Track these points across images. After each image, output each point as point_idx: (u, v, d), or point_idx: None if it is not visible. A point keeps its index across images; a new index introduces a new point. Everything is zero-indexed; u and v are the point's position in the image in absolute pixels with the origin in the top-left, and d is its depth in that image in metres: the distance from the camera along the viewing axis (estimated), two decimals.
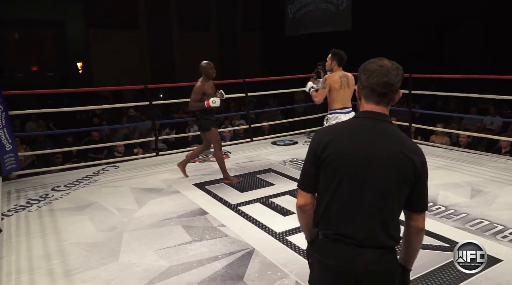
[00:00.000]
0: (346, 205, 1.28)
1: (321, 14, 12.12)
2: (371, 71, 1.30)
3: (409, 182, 1.26)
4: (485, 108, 7.83)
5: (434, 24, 9.14)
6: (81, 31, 12.40)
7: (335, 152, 1.28)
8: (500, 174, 4.21)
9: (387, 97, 1.31)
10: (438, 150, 5.38)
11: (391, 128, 1.31)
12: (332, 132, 1.34)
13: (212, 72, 4.12)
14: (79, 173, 4.82)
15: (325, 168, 1.30)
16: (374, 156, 1.25)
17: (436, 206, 3.45)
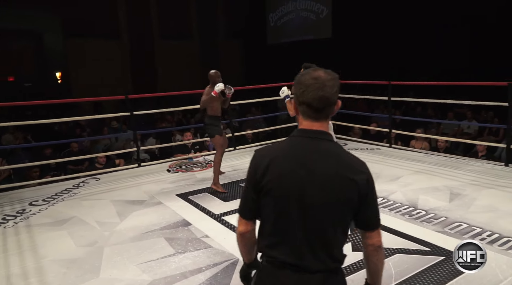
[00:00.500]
0: (288, 231, 1.23)
1: (302, 23, 12.29)
2: (306, 85, 1.20)
3: (353, 203, 1.21)
4: (462, 113, 8.05)
5: (413, 32, 9.37)
6: (59, 41, 12.23)
7: (275, 177, 1.22)
8: (478, 177, 4.31)
9: (325, 111, 1.23)
10: (417, 154, 5.48)
11: (332, 148, 1.25)
12: (270, 155, 1.25)
13: (218, 81, 4.30)
14: (58, 186, 4.72)
15: (266, 195, 1.24)
16: (315, 179, 1.19)
17: (417, 210, 3.51)
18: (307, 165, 1.20)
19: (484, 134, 7.26)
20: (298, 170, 1.20)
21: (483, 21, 8.41)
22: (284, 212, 1.23)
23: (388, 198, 3.84)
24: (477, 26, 8.59)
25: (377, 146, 6.01)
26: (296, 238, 1.22)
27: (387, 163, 5.04)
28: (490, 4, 8.20)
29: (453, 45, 9.39)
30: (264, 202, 1.26)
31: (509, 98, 4.47)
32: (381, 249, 1.32)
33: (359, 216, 1.25)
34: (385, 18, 9.74)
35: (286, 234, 1.24)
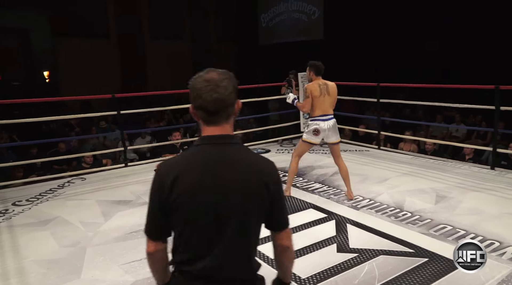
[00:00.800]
0: (203, 245, 1.19)
1: (294, 24, 12.31)
2: (198, 89, 1.17)
3: (266, 206, 1.21)
4: (450, 116, 8.13)
5: (404, 34, 9.43)
6: (47, 40, 12.09)
7: (184, 191, 1.16)
8: (464, 180, 4.34)
9: (222, 114, 1.19)
10: (405, 156, 5.51)
11: (239, 151, 1.22)
12: (175, 169, 1.18)
13: None
14: (43, 186, 4.65)
15: (176, 211, 1.17)
16: (226, 187, 1.16)
17: (403, 212, 3.52)
18: (217, 173, 1.16)
19: (472, 138, 7.33)
20: (207, 179, 1.16)
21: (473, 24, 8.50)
22: (197, 225, 1.18)
23: (375, 199, 3.85)
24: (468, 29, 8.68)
25: (366, 148, 6.03)
26: (212, 251, 1.18)
27: (375, 165, 5.06)
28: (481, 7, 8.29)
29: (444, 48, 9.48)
30: (174, 219, 1.19)
31: (496, 101, 4.51)
32: (290, 249, 1.33)
33: (270, 218, 1.25)
34: (377, 19, 9.80)
35: (201, 248, 1.19)
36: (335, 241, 3.01)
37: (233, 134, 1.24)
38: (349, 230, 3.19)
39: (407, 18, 9.36)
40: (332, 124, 3.84)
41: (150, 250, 1.25)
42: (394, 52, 9.59)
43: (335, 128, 3.88)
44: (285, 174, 4.80)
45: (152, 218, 1.23)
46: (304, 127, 6.66)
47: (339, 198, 3.93)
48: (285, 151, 6.13)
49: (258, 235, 1.26)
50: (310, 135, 3.86)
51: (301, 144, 3.98)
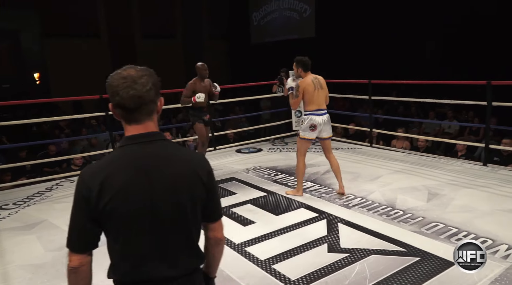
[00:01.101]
0: (145, 248, 1.14)
1: (286, 22, 12.25)
2: (115, 86, 1.12)
3: (202, 198, 1.21)
4: (443, 113, 8.12)
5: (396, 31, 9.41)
6: (37, 41, 11.93)
7: (114, 196, 1.10)
8: (456, 177, 4.32)
9: (143, 111, 1.15)
10: (398, 154, 5.48)
11: (167, 148, 1.19)
12: (102, 173, 1.11)
13: (205, 74, 4.42)
14: (31, 189, 4.57)
15: (108, 218, 1.11)
16: (161, 185, 1.14)
17: (395, 210, 3.49)
18: (147, 171, 1.13)
19: (465, 134, 7.32)
20: (138, 179, 1.12)
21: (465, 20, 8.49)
22: (136, 228, 1.12)
23: (366, 198, 3.81)
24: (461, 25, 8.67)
25: (358, 146, 6.00)
26: (155, 250, 1.15)
27: (367, 163, 5.02)
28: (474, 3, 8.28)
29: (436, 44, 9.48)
30: (109, 226, 1.13)
31: (487, 97, 4.49)
32: (222, 242, 1.33)
33: (205, 209, 1.24)
34: (368, 17, 9.76)
35: (143, 250, 1.14)
36: (326, 241, 2.97)
37: (158, 131, 1.20)
38: (340, 229, 3.15)
39: (398, 15, 9.34)
40: (327, 119, 3.85)
41: (74, 264, 1.15)
42: (386, 50, 9.56)
43: (329, 123, 3.90)
44: (276, 173, 4.77)
45: (77, 228, 1.15)
46: (298, 124, 6.63)
47: (330, 197, 3.89)
48: (277, 149, 6.08)
49: (199, 227, 1.24)
50: (307, 132, 3.82)
51: (300, 143, 3.92)
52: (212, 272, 1.38)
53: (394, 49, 9.45)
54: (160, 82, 1.19)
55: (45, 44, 12.02)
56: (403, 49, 9.39)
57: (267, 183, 4.43)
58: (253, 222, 3.39)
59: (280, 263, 2.68)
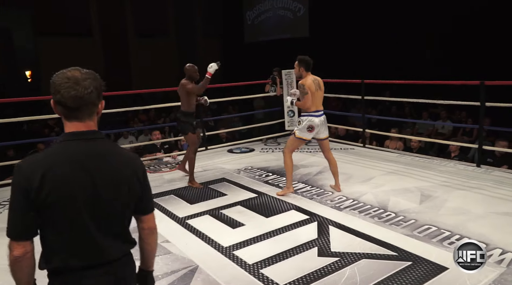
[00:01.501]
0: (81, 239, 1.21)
1: (279, 21, 12.19)
2: (58, 84, 1.19)
3: (137, 193, 1.30)
4: (436, 113, 8.09)
5: (390, 31, 9.37)
6: (29, 39, 11.78)
7: (56, 187, 1.16)
8: (449, 178, 4.26)
9: (85, 111, 1.22)
10: (391, 155, 5.43)
11: (105, 145, 1.27)
12: (42, 165, 1.16)
13: (196, 75, 4.19)
14: None
15: (47, 210, 1.16)
16: (99, 181, 1.21)
17: (387, 212, 3.42)
18: (88, 167, 1.20)
19: (458, 135, 7.29)
20: (78, 173, 1.19)
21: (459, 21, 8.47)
22: (73, 220, 1.20)
23: (358, 199, 3.74)
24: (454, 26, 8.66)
25: (351, 146, 5.93)
26: (90, 241, 1.22)
27: (360, 163, 4.96)
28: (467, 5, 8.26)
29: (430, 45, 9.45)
30: (46, 217, 1.18)
31: (481, 97, 4.44)
32: (155, 230, 1.43)
33: (140, 203, 1.33)
34: (362, 16, 9.73)
35: (79, 241, 1.22)
36: (316, 244, 2.89)
37: (97, 130, 1.27)
38: (331, 232, 3.08)
39: (392, 14, 9.31)
40: (323, 120, 3.87)
41: (18, 253, 1.18)
42: (380, 49, 9.52)
43: (326, 123, 3.93)
44: (268, 174, 4.69)
45: (19, 217, 1.18)
46: (290, 124, 6.55)
47: (322, 198, 3.82)
48: (269, 150, 6.00)
49: (130, 219, 1.34)
50: (304, 132, 3.79)
51: (294, 141, 3.88)
52: (151, 265, 1.46)
53: (388, 49, 9.42)
54: (103, 87, 1.27)
55: (38, 43, 11.88)
56: (397, 49, 9.36)
57: (258, 184, 4.35)
58: (243, 224, 3.30)
59: (268, 267, 2.60)
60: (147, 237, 1.41)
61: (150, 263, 1.46)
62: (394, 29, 9.27)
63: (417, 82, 5.55)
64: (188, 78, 4.17)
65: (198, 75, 4.21)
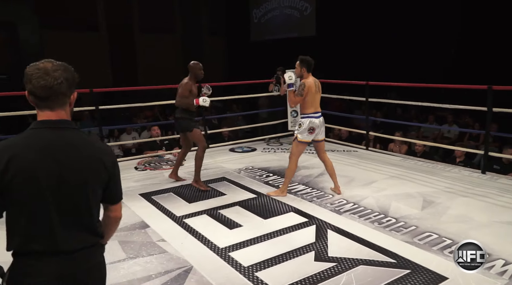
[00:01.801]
0: (45, 221, 1.24)
1: (286, 20, 12.11)
2: (30, 75, 1.24)
3: (103, 182, 1.33)
4: (443, 116, 7.98)
5: (398, 31, 9.26)
6: (35, 33, 11.79)
7: (19, 172, 1.19)
8: (453, 184, 4.18)
9: (56, 101, 1.26)
10: (394, 158, 5.35)
11: (76, 135, 1.31)
12: (10, 150, 1.21)
13: (200, 73, 4.00)
14: None
15: (10, 192, 1.20)
16: (66, 168, 1.24)
17: (387, 218, 3.35)
18: (56, 154, 1.23)
19: (465, 140, 7.18)
20: (47, 160, 1.22)
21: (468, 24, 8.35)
22: (37, 204, 1.23)
23: (359, 203, 3.68)
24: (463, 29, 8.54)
25: (354, 148, 5.86)
26: (57, 226, 1.25)
27: (362, 166, 4.89)
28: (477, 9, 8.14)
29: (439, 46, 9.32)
30: (9, 199, 1.21)
31: (488, 102, 4.35)
32: (119, 220, 1.50)
33: (107, 192, 1.37)
34: (370, 16, 9.61)
35: (43, 224, 1.24)
36: (313, 248, 2.84)
37: (69, 120, 1.30)
38: (330, 236, 3.02)
39: (401, 14, 9.19)
40: (322, 121, 3.86)
41: None
42: (388, 50, 9.41)
43: (323, 125, 3.90)
44: (268, 174, 4.64)
45: None
46: (293, 124, 6.49)
47: (322, 201, 3.76)
48: (271, 150, 5.94)
49: (99, 207, 1.37)
50: (305, 134, 3.76)
51: (298, 146, 3.83)
52: (104, 241, 1.48)
53: (396, 49, 9.31)
54: (76, 79, 1.30)
55: (43, 37, 11.89)
56: (405, 49, 9.24)
57: (258, 184, 4.30)
58: (240, 225, 3.26)
59: (263, 270, 2.55)
60: (111, 224, 1.47)
61: (104, 239, 1.48)
62: (402, 30, 9.15)
63: (423, 85, 5.47)
64: (192, 76, 4.00)
65: (203, 73, 4.03)
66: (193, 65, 4.01)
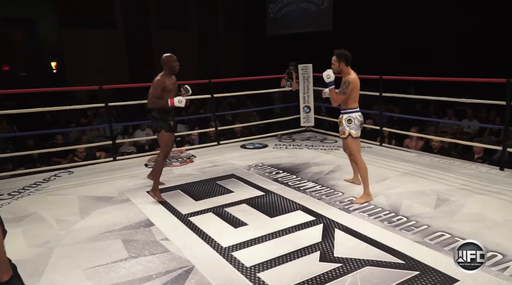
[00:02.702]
0: None
1: (302, 14, 11.92)
2: None
3: None
4: (463, 111, 7.70)
5: (416, 25, 8.97)
6: (53, 30, 12.02)
7: None
8: (469, 181, 4.01)
9: None
10: (409, 154, 5.18)
11: None
12: None
13: (175, 65, 3.67)
14: (28, 180, 4.52)
15: None
16: None
17: (398, 216, 3.23)
18: None
19: (485, 135, 6.90)
20: None
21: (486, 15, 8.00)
22: None
23: (369, 201, 3.57)
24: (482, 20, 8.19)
25: (368, 144, 5.70)
26: None
27: (375, 163, 4.74)
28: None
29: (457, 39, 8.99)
30: None
31: (507, 96, 4.15)
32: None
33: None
34: (388, 10, 9.34)
35: None
36: (319, 248, 2.76)
37: None
38: (336, 235, 2.93)
39: (419, 8, 8.89)
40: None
41: None
42: (405, 44, 9.12)
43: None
44: (278, 171, 4.56)
45: None
46: (308, 120, 6.37)
47: (331, 199, 3.67)
48: (282, 146, 5.86)
49: None
50: (358, 129, 3.61)
51: (354, 142, 3.64)
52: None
53: (413, 44, 9.02)
54: None
55: (62, 34, 12.10)
56: (423, 43, 8.95)
57: (267, 181, 4.23)
58: (245, 224, 3.21)
59: (266, 271, 2.49)
60: None
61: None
62: (420, 23, 8.86)
63: (440, 79, 5.26)
64: (167, 70, 3.65)
65: (178, 65, 3.69)
66: (166, 58, 3.66)
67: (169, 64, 3.66)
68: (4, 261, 1.18)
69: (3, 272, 1.21)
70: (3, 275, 1.21)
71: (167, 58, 3.67)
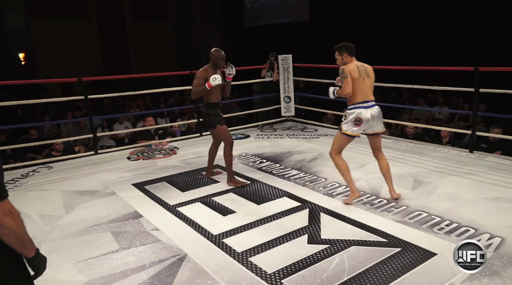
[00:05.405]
0: None
1: (279, 5, 11.97)
2: None
3: None
4: (434, 98, 8.01)
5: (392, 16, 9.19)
6: (21, 20, 11.55)
7: None
8: (442, 164, 4.23)
9: None
10: (386, 141, 5.36)
11: None
12: None
13: (221, 63, 3.64)
14: (5, 176, 4.40)
15: None
16: None
17: (379, 199, 3.40)
18: None
19: (455, 120, 7.24)
20: None
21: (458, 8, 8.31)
22: None
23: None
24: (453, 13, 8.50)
25: None
26: None
27: (354, 150, 4.87)
28: None
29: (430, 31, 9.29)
30: None
31: (475, 83, 4.38)
32: (4, 226, 1.19)
33: None
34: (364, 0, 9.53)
35: None
36: (306, 231, 2.87)
37: None
38: (322, 219, 3.06)
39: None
40: (378, 112, 3.25)
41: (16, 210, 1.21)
42: (382, 35, 9.35)
43: (380, 116, 3.29)
44: (262, 160, 4.65)
45: None
46: (288, 110, 6.48)
47: (315, 185, 3.79)
48: (264, 136, 5.95)
49: None
50: (350, 126, 3.21)
51: (340, 138, 3.31)
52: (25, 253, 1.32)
53: (390, 34, 9.25)
54: None
55: (30, 24, 11.64)
56: (399, 34, 9.20)
57: (252, 170, 4.32)
58: (233, 211, 3.28)
59: (257, 255, 2.58)
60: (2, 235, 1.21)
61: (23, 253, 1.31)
62: (395, 14, 9.09)
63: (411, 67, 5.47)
64: (212, 65, 3.66)
65: (224, 63, 3.68)
66: (213, 52, 3.64)
67: (215, 60, 3.64)
68: (30, 239, 1.30)
69: (30, 249, 1.31)
70: (30, 251, 1.32)
71: (215, 53, 3.65)
